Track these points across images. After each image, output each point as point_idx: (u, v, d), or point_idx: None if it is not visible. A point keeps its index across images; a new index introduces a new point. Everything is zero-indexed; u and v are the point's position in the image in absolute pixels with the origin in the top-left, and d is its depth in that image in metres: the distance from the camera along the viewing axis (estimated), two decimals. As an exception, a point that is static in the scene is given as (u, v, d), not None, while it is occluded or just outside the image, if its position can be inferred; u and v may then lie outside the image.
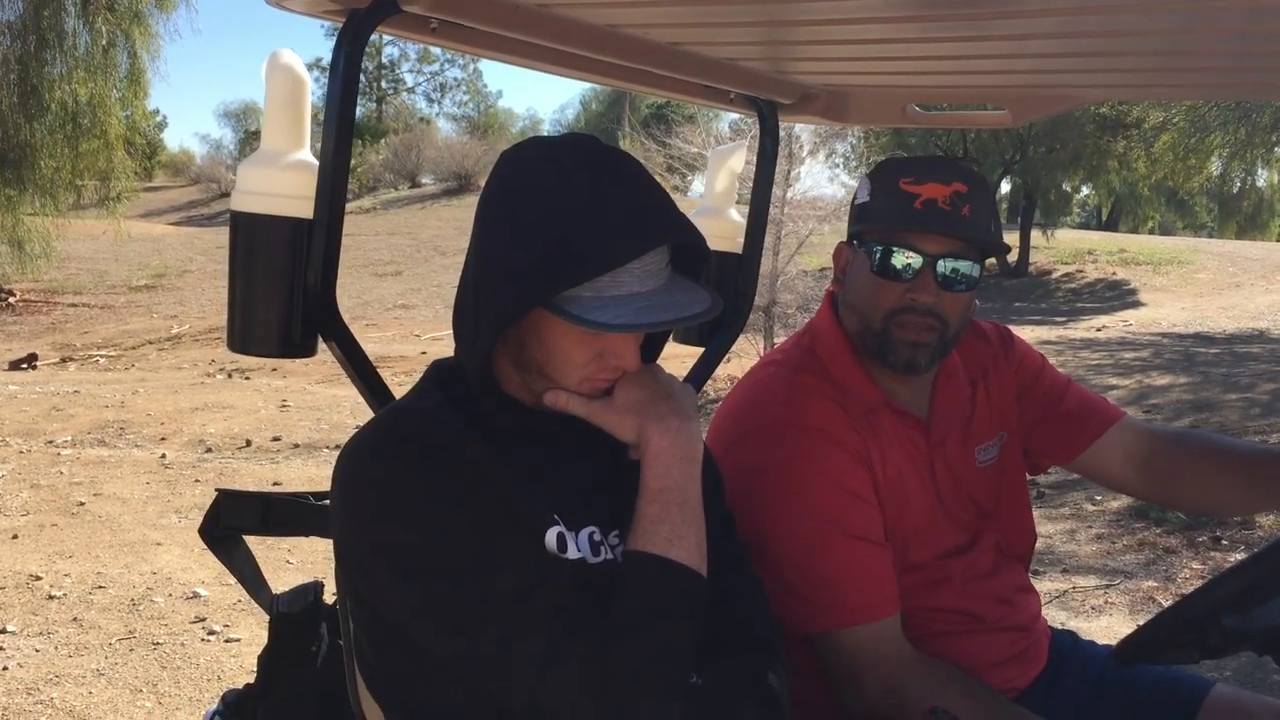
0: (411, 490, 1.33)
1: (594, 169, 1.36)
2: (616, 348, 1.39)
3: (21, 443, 8.70)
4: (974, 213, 1.79)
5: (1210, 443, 2.10)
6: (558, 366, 1.40)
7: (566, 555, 1.39)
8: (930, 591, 1.87)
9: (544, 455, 1.45)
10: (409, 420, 1.41)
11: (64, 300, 20.94)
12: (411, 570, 1.32)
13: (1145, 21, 1.63)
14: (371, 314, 19.60)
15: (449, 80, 59.02)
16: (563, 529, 1.40)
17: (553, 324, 1.36)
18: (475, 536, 1.31)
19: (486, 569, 1.30)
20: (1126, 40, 1.76)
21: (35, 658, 4.43)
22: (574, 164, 1.36)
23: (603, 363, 1.40)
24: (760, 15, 1.75)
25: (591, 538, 1.43)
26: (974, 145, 23.37)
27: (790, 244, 11.72)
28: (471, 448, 1.37)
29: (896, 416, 1.90)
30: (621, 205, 1.34)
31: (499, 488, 1.35)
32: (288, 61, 1.63)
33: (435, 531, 1.32)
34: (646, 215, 1.35)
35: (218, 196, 38.33)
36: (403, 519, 1.32)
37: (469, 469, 1.35)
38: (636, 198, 1.36)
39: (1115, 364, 12.54)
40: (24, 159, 18.95)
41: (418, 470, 1.34)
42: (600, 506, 1.46)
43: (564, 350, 1.38)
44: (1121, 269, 23.42)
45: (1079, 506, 6.84)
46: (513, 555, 1.32)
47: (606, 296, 1.32)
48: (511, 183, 1.39)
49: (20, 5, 18.89)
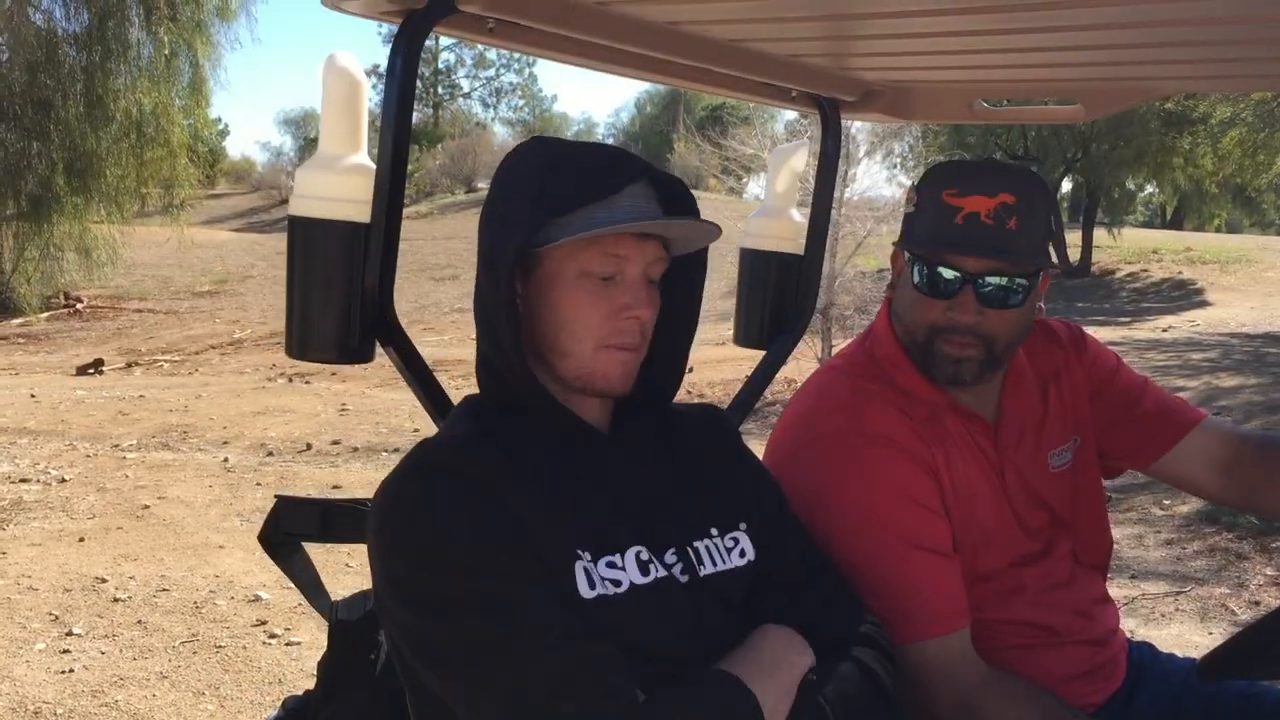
0: (425, 525, 1.31)
1: (573, 141, 1.46)
2: (626, 297, 1.38)
3: (88, 446, 8.86)
4: (1022, 225, 1.71)
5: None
6: (572, 330, 1.39)
7: (592, 592, 1.33)
8: (1002, 602, 1.81)
9: (585, 476, 1.41)
10: (437, 452, 1.39)
11: (129, 306, 21.34)
12: (411, 603, 1.31)
13: (1226, 8, 1.56)
14: (429, 318, 19.76)
15: (504, 85, 59.33)
16: (588, 563, 1.35)
17: (555, 282, 1.38)
18: (484, 574, 1.28)
19: (488, 609, 1.27)
20: (1206, 29, 1.70)
21: (101, 660, 4.49)
22: (555, 142, 1.45)
23: (616, 316, 1.38)
24: (823, 10, 1.71)
25: (639, 557, 1.38)
26: (1034, 143, 23.04)
27: (848, 245, 11.62)
28: (499, 479, 1.34)
29: (962, 420, 1.84)
30: (595, 151, 1.43)
31: (523, 522, 1.32)
32: (344, 64, 1.62)
33: (438, 568, 1.29)
34: (621, 157, 1.42)
35: (278, 203, 38.90)
36: (409, 553, 1.31)
37: (492, 503, 1.32)
38: (611, 149, 1.44)
39: (1182, 365, 12.29)
40: (90, 168, 19.39)
41: (436, 504, 1.32)
42: (649, 524, 1.42)
43: (573, 308, 1.38)
44: (1187, 268, 22.97)
45: (1146, 510, 6.69)
46: (520, 596, 1.28)
47: (596, 218, 1.35)
48: (502, 170, 1.47)
49: (86, 17, 19.32)
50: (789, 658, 1.39)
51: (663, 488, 1.46)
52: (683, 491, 1.48)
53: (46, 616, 4.95)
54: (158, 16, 19.27)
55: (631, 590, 1.36)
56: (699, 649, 1.38)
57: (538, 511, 1.33)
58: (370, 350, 1.67)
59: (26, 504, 6.92)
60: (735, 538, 1.50)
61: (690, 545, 1.44)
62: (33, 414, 10.34)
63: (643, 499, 1.44)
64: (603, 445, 1.45)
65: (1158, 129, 21.87)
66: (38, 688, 4.20)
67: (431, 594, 1.30)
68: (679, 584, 1.40)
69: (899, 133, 14.75)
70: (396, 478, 1.37)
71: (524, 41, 1.71)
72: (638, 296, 1.39)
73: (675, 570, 1.41)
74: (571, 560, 1.33)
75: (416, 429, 9.64)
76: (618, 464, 1.44)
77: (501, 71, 57.81)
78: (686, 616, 1.39)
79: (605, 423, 1.48)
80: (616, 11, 1.68)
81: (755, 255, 2.29)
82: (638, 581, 1.37)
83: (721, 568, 1.46)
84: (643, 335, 1.42)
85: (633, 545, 1.38)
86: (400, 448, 8.96)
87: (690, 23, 1.78)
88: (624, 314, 1.39)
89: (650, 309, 1.41)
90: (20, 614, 4.97)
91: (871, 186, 14.18)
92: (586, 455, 1.43)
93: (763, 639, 1.41)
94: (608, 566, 1.36)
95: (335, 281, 1.62)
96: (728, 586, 1.45)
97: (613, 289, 1.39)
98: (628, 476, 1.44)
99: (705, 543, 1.46)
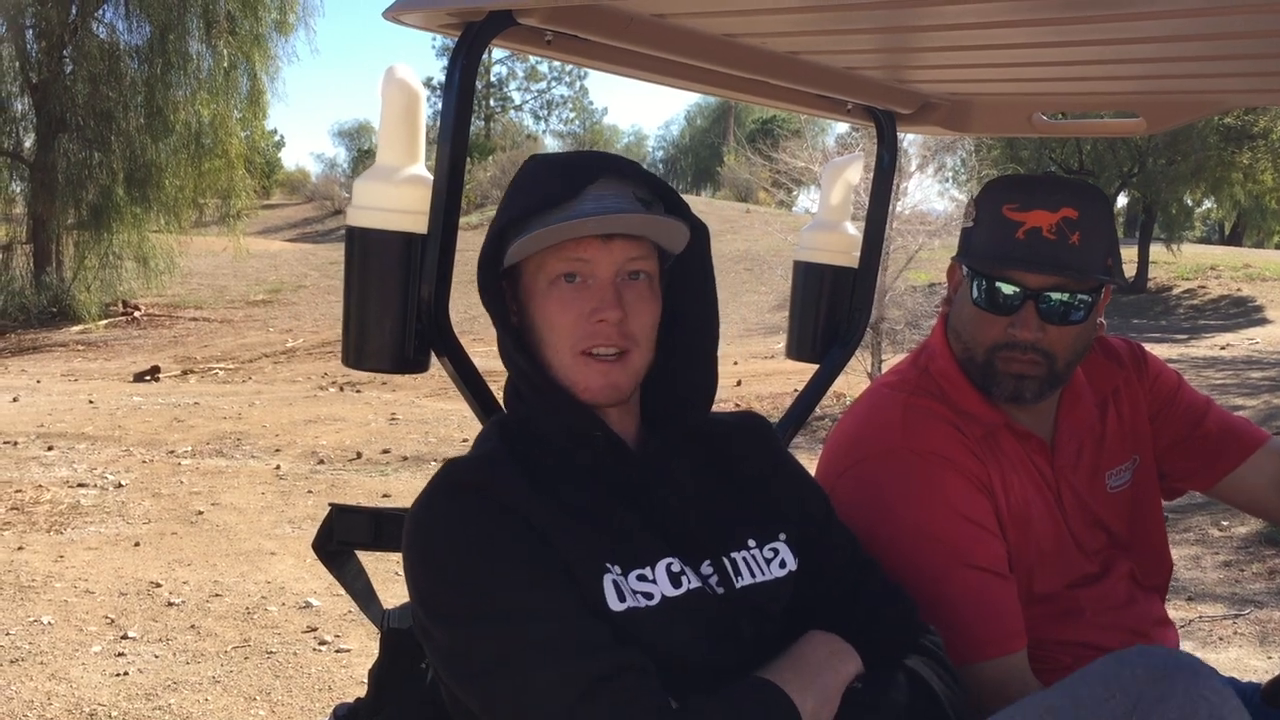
0: (452, 542, 1.32)
1: (558, 153, 1.49)
2: (594, 300, 1.37)
3: (144, 452, 9.00)
4: (1085, 240, 1.69)
5: None
6: (549, 338, 1.40)
7: (622, 605, 1.33)
8: (1060, 624, 1.78)
9: (613, 490, 1.41)
10: (464, 469, 1.41)
11: (185, 314, 21.67)
12: (438, 617, 1.32)
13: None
14: (478, 328, 19.79)
15: (555, 97, 59.66)
16: (617, 576, 1.34)
17: (531, 294, 1.40)
18: (509, 588, 1.29)
19: (514, 621, 1.28)
20: (1271, 41, 1.66)
21: (155, 664, 4.55)
22: (539, 158, 1.47)
23: (586, 320, 1.38)
24: (881, 22, 1.69)
25: (670, 569, 1.38)
26: (1089, 157, 22.74)
27: (899, 259, 11.54)
28: (525, 496, 1.34)
29: (1019, 439, 1.82)
30: (567, 158, 1.46)
31: (548, 537, 1.32)
32: (403, 76, 1.63)
33: (464, 583, 1.31)
34: (585, 160, 1.43)
35: (332, 214, 39.32)
36: (437, 568, 1.33)
37: (518, 519, 1.33)
38: (585, 154, 1.46)
39: (1241, 384, 12.06)
40: (150, 178, 19.78)
41: (462, 521, 1.33)
42: (682, 535, 1.41)
43: (546, 316, 1.39)
44: (1246, 285, 22.54)
45: (1204, 531, 6.56)
46: (547, 608, 1.28)
47: (551, 223, 1.36)
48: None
49: (147, 30, 19.72)
50: (832, 664, 1.37)
51: (695, 498, 1.45)
52: (718, 502, 1.47)
53: (103, 620, 5.02)
54: (217, 30, 19.63)
55: (663, 602, 1.35)
56: (735, 660, 1.37)
57: (565, 527, 1.34)
58: (425, 360, 1.68)
59: (84, 508, 7.04)
60: (775, 548, 1.48)
61: (727, 556, 1.43)
62: (91, 420, 10.53)
63: (674, 511, 1.43)
64: (631, 458, 1.44)
65: (1216, 143, 21.50)
66: (93, 689, 4.26)
67: (457, 609, 1.31)
68: (714, 595, 1.39)
69: (951, 146, 14.63)
70: (425, 496, 1.38)
71: (580, 54, 1.71)
72: (605, 298, 1.37)
73: (711, 582, 1.40)
74: (600, 573, 1.33)
75: (465, 439, 9.69)
76: (647, 476, 1.43)
77: (553, 84, 58.19)
78: (721, 628, 1.38)
79: (633, 434, 1.47)
80: (675, 24, 1.68)
81: (809, 268, 2.28)
82: (669, 593, 1.36)
83: (760, 579, 1.44)
84: (623, 338, 1.39)
85: (664, 557, 1.38)
86: (449, 457, 9.00)
87: (748, 35, 1.77)
88: (593, 317, 1.37)
89: (619, 310, 1.37)
90: (77, 616, 5.05)
91: (923, 200, 14.11)
92: (614, 469, 1.43)
93: (806, 645, 1.40)
94: (638, 579, 1.35)
95: (391, 292, 1.62)
96: (766, 598, 1.44)
97: (583, 293, 1.38)
98: (658, 488, 1.43)
99: (742, 554, 1.45)
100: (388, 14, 1.57)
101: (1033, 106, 2.22)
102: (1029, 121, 2.24)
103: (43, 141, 20.25)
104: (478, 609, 1.29)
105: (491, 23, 1.55)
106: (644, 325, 1.41)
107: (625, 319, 1.38)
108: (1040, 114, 2.24)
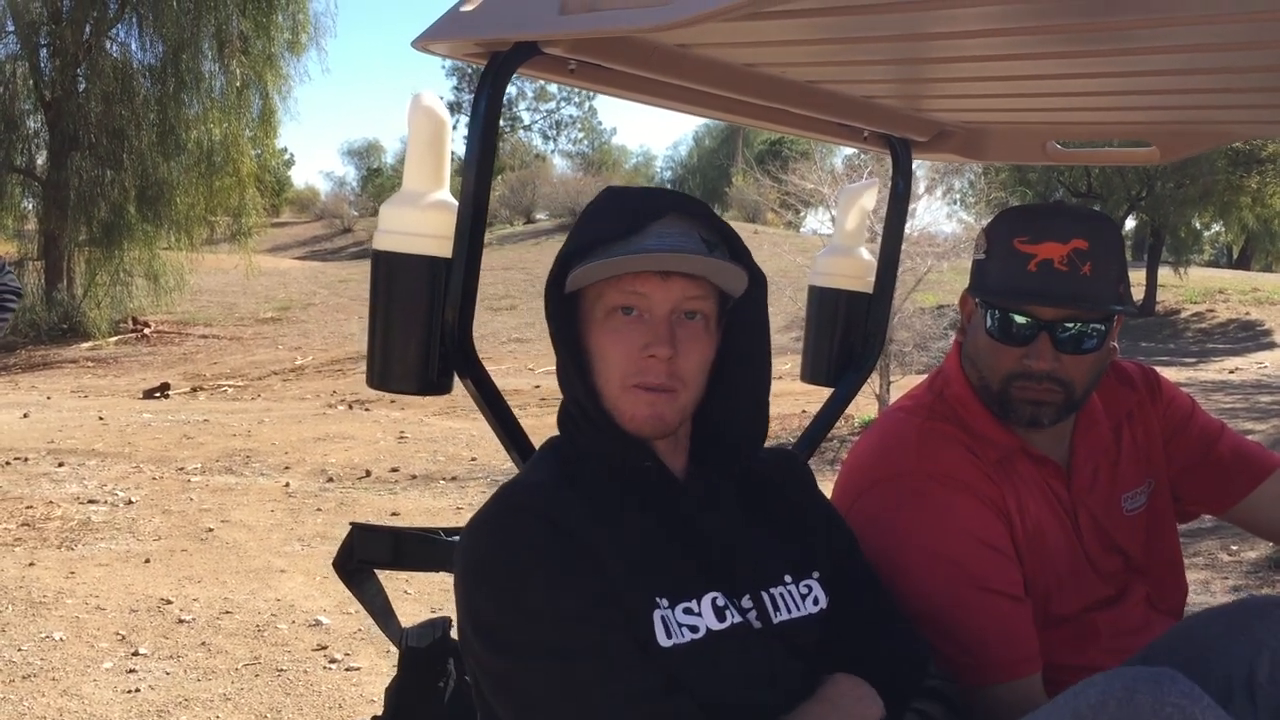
0: (510, 568, 1.33)
1: (634, 188, 1.50)
2: (647, 336, 1.38)
3: (154, 469, 9.03)
4: (1096, 270, 1.71)
5: None
6: (600, 368, 1.41)
7: (669, 642, 1.35)
8: (1075, 648, 1.79)
9: (662, 522, 1.42)
10: (520, 494, 1.42)
11: (195, 331, 21.72)
12: (493, 644, 1.33)
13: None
14: (487, 348, 19.90)
15: (564, 118, 59.86)
16: (665, 611, 1.36)
17: (588, 323, 1.41)
18: (565, 620, 1.31)
19: (565, 653, 1.29)
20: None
21: (165, 680, 4.56)
22: (614, 190, 1.49)
23: (637, 354, 1.39)
24: (899, 53, 1.72)
25: (715, 603, 1.39)
26: (1098, 182, 22.75)
27: (907, 281, 11.54)
28: (582, 524, 1.36)
29: (1034, 463, 1.83)
30: (638, 193, 1.46)
31: (603, 566, 1.34)
32: (429, 103, 1.66)
33: (521, 611, 1.32)
34: (652, 195, 1.45)
35: (340, 232, 39.46)
36: (494, 595, 1.33)
37: (576, 548, 1.34)
38: (655, 190, 1.47)
39: (1250, 408, 12.03)
40: (161, 196, 19.89)
41: (518, 546, 1.34)
42: (726, 570, 1.43)
43: (600, 346, 1.41)
44: (1255, 309, 22.51)
45: (1214, 556, 6.55)
46: (601, 643, 1.30)
47: (613, 255, 1.38)
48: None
49: (161, 49, 19.85)
50: (857, 710, 1.39)
51: (738, 533, 1.47)
52: (758, 538, 1.49)
53: (114, 636, 5.03)
54: (230, 50, 19.76)
55: (708, 636, 1.37)
56: (771, 696, 1.39)
57: (617, 558, 1.35)
58: (449, 382, 1.70)
59: (94, 525, 7.06)
60: (809, 585, 1.50)
61: (765, 591, 1.45)
62: (101, 436, 10.56)
63: (719, 545, 1.44)
64: (679, 491, 1.46)
65: (1225, 167, 21.50)
66: (105, 706, 4.27)
67: (513, 637, 1.32)
68: (754, 630, 1.41)
69: (959, 169, 14.67)
70: (483, 518, 1.39)
71: (603, 82, 1.74)
72: (658, 335, 1.38)
73: (750, 616, 1.41)
74: (650, 609, 1.35)
75: (474, 458, 9.70)
76: (693, 510, 1.45)
77: (562, 104, 58.34)
78: (761, 663, 1.40)
79: (681, 468, 1.49)
80: (696, 54, 1.71)
81: (824, 293, 2.30)
82: (714, 627, 1.38)
83: (795, 615, 1.46)
84: (671, 377, 1.39)
85: (709, 591, 1.39)
86: (458, 476, 9.02)
87: (768, 65, 1.80)
88: (644, 352, 1.38)
89: (670, 348, 1.38)
90: (89, 633, 5.06)
91: (932, 223, 14.08)
92: (663, 501, 1.44)
93: (832, 689, 1.41)
94: (684, 613, 1.37)
95: (417, 315, 1.65)
96: (800, 634, 1.46)
97: (637, 327, 1.39)
98: (704, 522, 1.45)
99: (779, 590, 1.47)
100: (416, 44, 1.59)
101: (1047, 135, 2.25)
102: (1043, 150, 2.27)
103: (55, 159, 20.36)
104: (531, 640, 1.31)
105: (517, 53, 1.57)
106: (693, 365, 1.41)
107: (675, 357, 1.38)
108: (1055, 142, 2.26)
